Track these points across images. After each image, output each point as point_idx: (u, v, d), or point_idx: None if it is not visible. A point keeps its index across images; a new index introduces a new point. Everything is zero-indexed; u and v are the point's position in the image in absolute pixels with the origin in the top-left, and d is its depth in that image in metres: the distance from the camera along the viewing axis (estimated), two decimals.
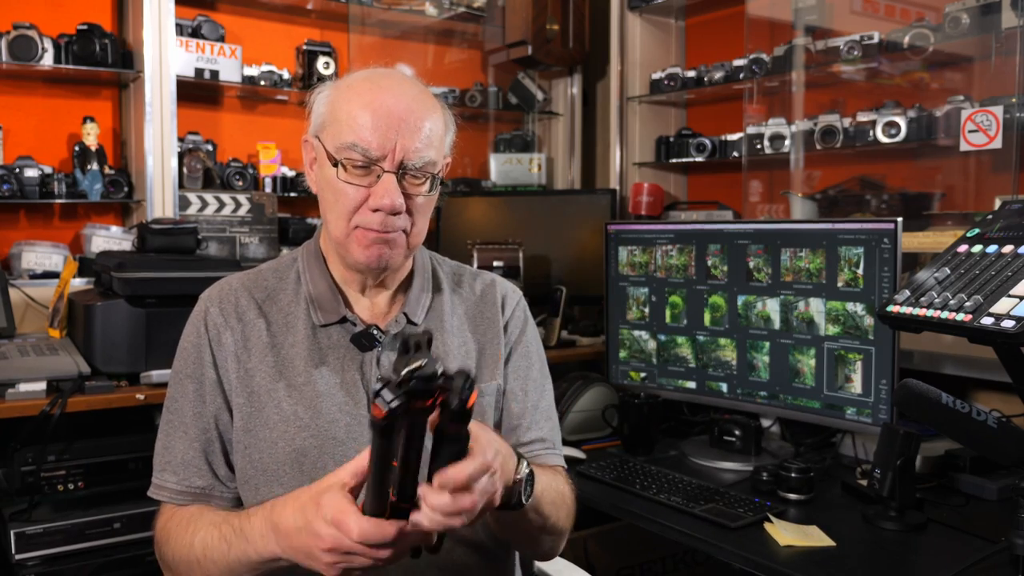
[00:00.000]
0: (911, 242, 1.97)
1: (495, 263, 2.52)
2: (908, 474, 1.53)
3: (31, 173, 2.30)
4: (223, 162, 2.67)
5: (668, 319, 2.17)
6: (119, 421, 1.97)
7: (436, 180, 1.17)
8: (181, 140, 2.55)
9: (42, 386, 1.83)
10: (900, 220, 1.76)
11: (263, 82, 2.67)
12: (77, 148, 2.43)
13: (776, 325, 1.97)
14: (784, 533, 1.50)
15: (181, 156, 2.51)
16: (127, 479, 1.92)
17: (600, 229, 2.33)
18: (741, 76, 2.69)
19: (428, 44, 3.19)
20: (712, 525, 1.56)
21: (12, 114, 2.43)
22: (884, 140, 2.27)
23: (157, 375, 1.91)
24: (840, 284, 1.85)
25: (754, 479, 1.77)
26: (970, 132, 2.01)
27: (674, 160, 2.97)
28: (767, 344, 1.99)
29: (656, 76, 2.98)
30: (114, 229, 2.48)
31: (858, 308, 1.82)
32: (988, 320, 1.20)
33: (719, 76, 2.79)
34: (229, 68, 2.58)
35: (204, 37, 2.55)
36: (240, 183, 2.63)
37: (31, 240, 2.40)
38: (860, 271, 1.81)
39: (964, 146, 2.03)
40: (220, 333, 1.20)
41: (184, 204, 2.50)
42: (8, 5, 2.39)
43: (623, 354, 2.27)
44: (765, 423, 2.09)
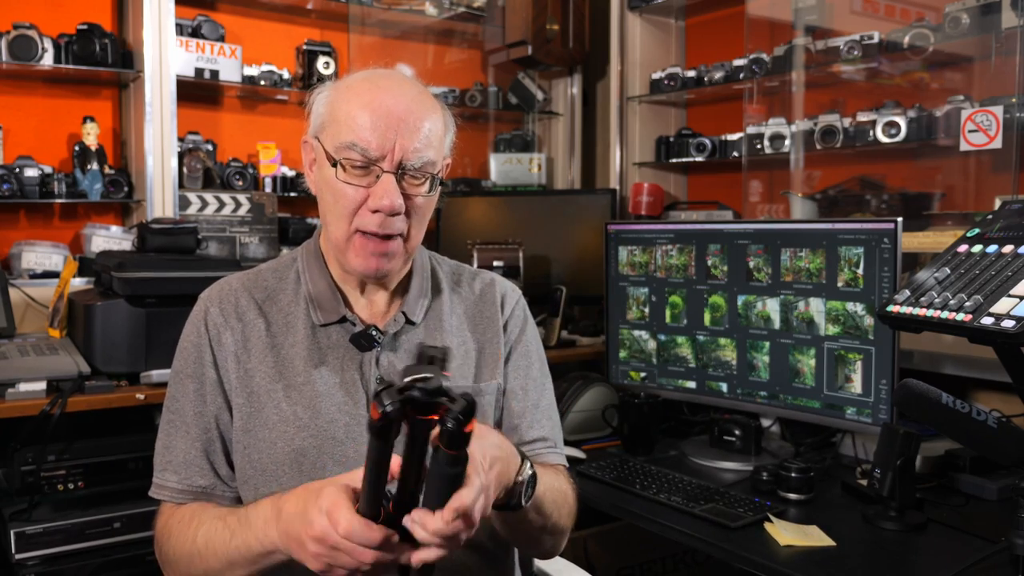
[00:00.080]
0: (911, 242, 1.97)
1: (495, 263, 2.52)
2: (908, 474, 1.53)
3: (31, 173, 2.30)
4: (223, 162, 2.67)
5: (668, 319, 2.17)
6: (119, 421, 1.97)
7: (436, 181, 1.17)
8: (181, 140, 2.55)
9: (42, 386, 1.83)
10: (900, 220, 1.76)
11: (263, 82, 2.67)
12: (77, 148, 2.43)
13: (776, 325, 1.97)
14: (784, 533, 1.50)
15: (181, 156, 2.51)
16: (127, 479, 1.93)
17: (600, 229, 2.33)
18: (741, 76, 2.69)
19: (428, 44, 3.18)
20: (712, 525, 1.56)
21: (12, 114, 2.43)
22: (884, 140, 2.27)
23: (157, 375, 1.91)
24: (840, 284, 1.85)
25: (754, 479, 1.77)
26: (970, 132, 2.01)
27: (674, 160, 2.97)
28: (767, 344, 1.99)
29: (656, 76, 2.98)
30: (114, 229, 2.48)
31: (858, 308, 1.82)
32: (988, 320, 1.20)
33: (719, 76, 2.79)
34: (229, 68, 2.58)
35: (204, 37, 2.55)
36: (240, 183, 2.63)
37: (31, 240, 2.40)
38: (860, 271, 1.81)
39: (964, 146, 2.03)
40: (220, 333, 1.20)
41: (184, 204, 2.50)
42: (8, 5, 2.39)
43: (623, 354, 2.27)
44: (765, 423, 2.09)
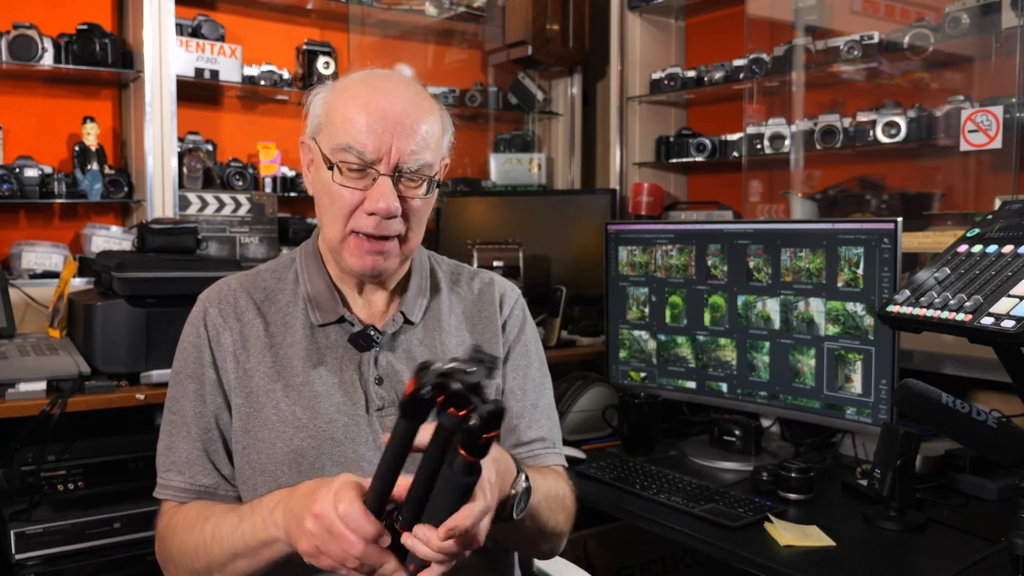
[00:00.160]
0: (911, 242, 1.97)
1: (495, 263, 2.52)
2: (908, 474, 1.53)
3: (31, 173, 2.30)
4: (223, 162, 2.67)
5: (668, 319, 2.17)
6: (119, 421, 1.97)
7: (433, 183, 1.16)
8: (181, 140, 2.55)
9: (42, 386, 1.83)
10: (900, 220, 1.76)
11: (263, 82, 2.67)
12: (77, 148, 2.43)
13: (776, 325, 1.97)
14: (784, 533, 1.50)
15: (181, 156, 2.51)
16: (127, 479, 1.92)
17: (600, 229, 2.33)
18: (741, 76, 2.69)
19: (428, 44, 3.18)
20: (712, 525, 1.56)
21: (12, 114, 2.43)
22: (884, 140, 2.27)
23: (157, 375, 1.91)
24: (840, 284, 1.85)
25: (754, 479, 1.77)
26: (970, 132, 2.01)
27: (674, 160, 2.97)
28: (767, 344, 1.98)
29: (656, 76, 2.98)
30: (114, 229, 2.48)
31: (858, 308, 1.82)
32: (988, 320, 1.20)
33: (719, 76, 2.79)
34: (229, 68, 2.58)
35: (204, 37, 2.55)
36: (240, 183, 2.63)
37: (31, 240, 2.40)
38: (860, 271, 1.81)
39: (964, 146, 2.03)
40: (219, 333, 1.20)
41: (184, 204, 2.50)
42: (8, 5, 2.39)
43: (623, 354, 2.27)
44: (765, 423, 2.09)
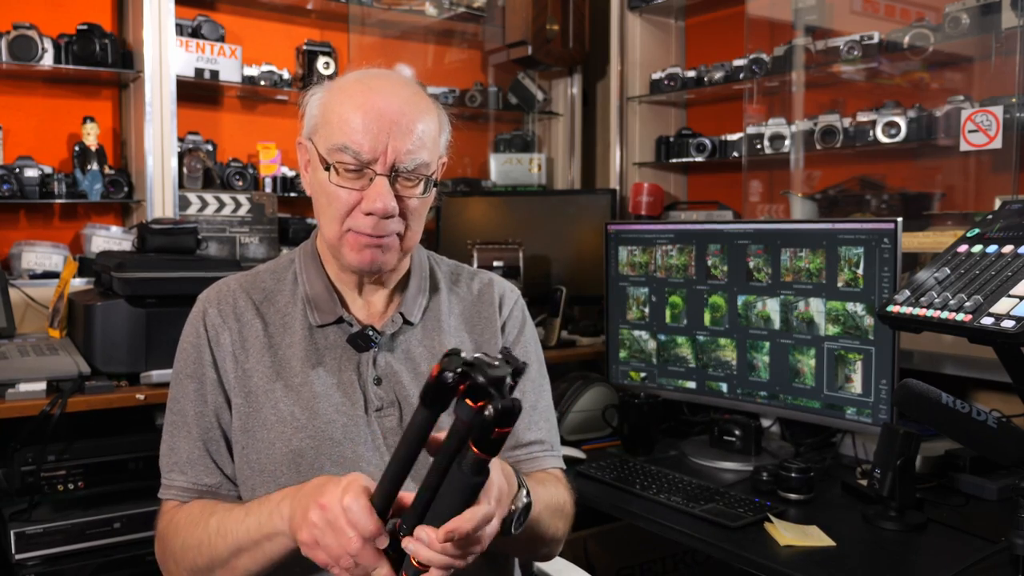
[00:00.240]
0: (911, 242, 1.97)
1: (495, 263, 2.52)
2: (908, 474, 1.53)
3: (31, 173, 2.30)
4: (223, 162, 2.67)
5: (668, 319, 2.17)
6: (119, 421, 1.97)
7: (430, 182, 1.16)
8: (181, 140, 2.55)
9: (42, 386, 1.83)
10: (900, 220, 1.76)
11: (263, 82, 2.67)
12: (77, 148, 2.43)
13: (776, 325, 1.97)
14: (784, 533, 1.49)
15: (181, 156, 2.51)
16: (127, 479, 1.92)
17: (600, 229, 2.33)
18: (741, 76, 2.69)
19: (428, 44, 3.18)
20: (712, 525, 1.56)
21: (12, 114, 2.43)
22: (884, 140, 2.27)
23: (157, 375, 1.91)
24: (840, 284, 1.85)
25: (754, 479, 1.77)
26: (970, 132, 2.01)
27: (674, 160, 2.97)
28: (767, 344, 1.98)
29: (656, 76, 2.97)
30: (114, 229, 2.48)
31: (858, 308, 1.82)
32: (988, 320, 1.20)
33: (719, 76, 2.79)
34: (229, 68, 2.58)
35: (204, 37, 2.55)
36: (240, 183, 2.63)
37: (31, 240, 2.39)
38: (860, 271, 1.81)
39: (964, 146, 2.03)
40: (218, 333, 1.20)
41: (184, 204, 2.50)
42: (8, 5, 2.39)
43: (623, 354, 2.27)
44: (765, 423, 2.09)
